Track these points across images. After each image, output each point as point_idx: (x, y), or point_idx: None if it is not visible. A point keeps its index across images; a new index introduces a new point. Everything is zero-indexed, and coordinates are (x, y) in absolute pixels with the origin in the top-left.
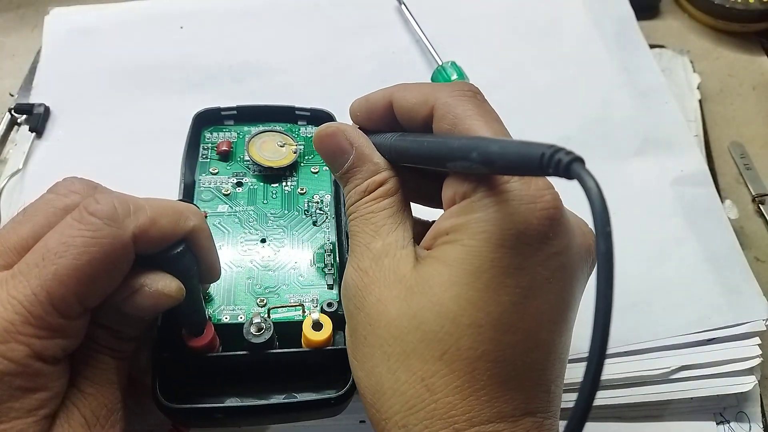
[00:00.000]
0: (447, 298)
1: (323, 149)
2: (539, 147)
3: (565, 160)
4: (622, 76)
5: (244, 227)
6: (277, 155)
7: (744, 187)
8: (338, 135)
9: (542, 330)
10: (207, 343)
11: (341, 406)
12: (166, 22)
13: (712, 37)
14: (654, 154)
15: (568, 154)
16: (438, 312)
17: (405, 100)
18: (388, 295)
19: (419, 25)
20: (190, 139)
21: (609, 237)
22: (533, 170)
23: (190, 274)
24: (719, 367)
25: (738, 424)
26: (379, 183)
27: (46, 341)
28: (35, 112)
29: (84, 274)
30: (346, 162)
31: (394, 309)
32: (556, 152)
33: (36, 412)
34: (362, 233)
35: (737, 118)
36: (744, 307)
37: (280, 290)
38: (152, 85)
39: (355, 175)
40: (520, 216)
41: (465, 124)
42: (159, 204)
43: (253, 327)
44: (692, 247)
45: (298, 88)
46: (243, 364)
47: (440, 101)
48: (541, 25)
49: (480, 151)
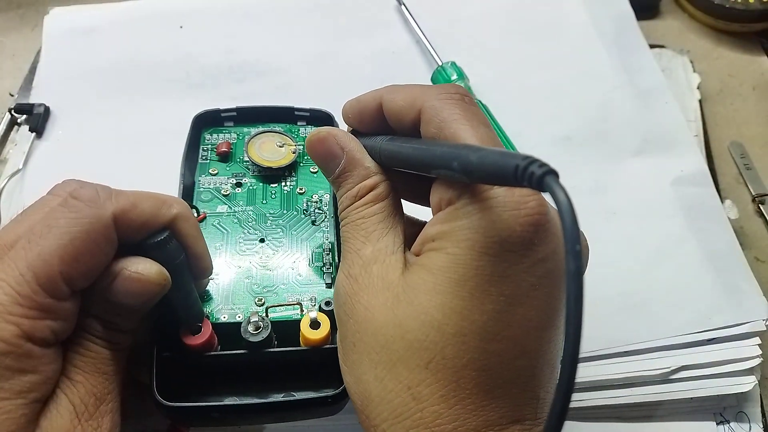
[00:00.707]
0: (431, 307)
1: (315, 154)
2: (514, 158)
3: (538, 173)
4: (621, 76)
5: (243, 227)
6: (276, 155)
7: (744, 187)
8: (329, 140)
9: (529, 337)
10: (205, 342)
11: (338, 405)
12: (165, 21)
13: (712, 37)
14: (654, 154)
15: (541, 166)
16: (423, 321)
17: (393, 102)
18: (375, 302)
19: (419, 25)
20: (190, 141)
21: (578, 256)
22: (509, 181)
23: (176, 263)
24: (719, 367)
25: (738, 424)
26: (369, 187)
27: (35, 321)
28: (35, 112)
29: (67, 252)
30: (338, 166)
31: (381, 317)
32: (530, 164)
33: (26, 395)
34: (353, 239)
35: (737, 118)
36: (744, 307)
37: (278, 289)
38: (152, 86)
39: (346, 180)
40: (504, 223)
41: (450, 129)
42: (142, 192)
43: (251, 326)
44: (692, 247)
45: (297, 88)
46: (241, 363)
47: (427, 104)
48: (540, 24)
49: (460, 160)
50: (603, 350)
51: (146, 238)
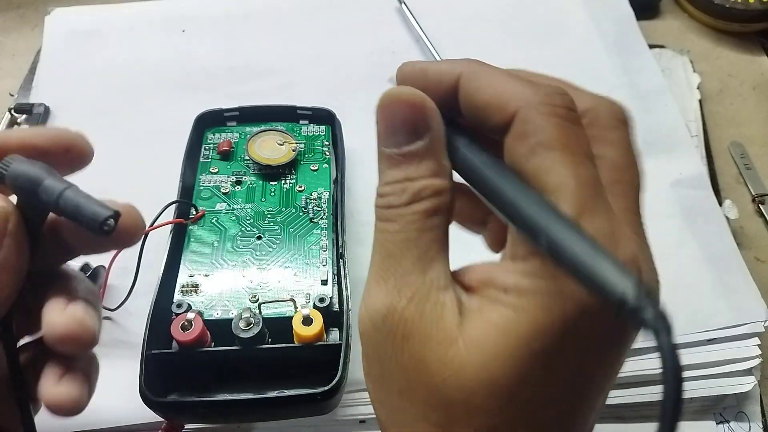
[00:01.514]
0: (505, 377)
1: (389, 117)
2: (622, 281)
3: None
4: (621, 76)
5: (241, 224)
6: (276, 153)
7: (744, 187)
8: (418, 109)
9: (590, 399)
10: (195, 338)
11: (329, 402)
12: (168, 25)
13: (712, 37)
14: (653, 156)
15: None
16: (493, 392)
17: (479, 92)
18: (431, 356)
19: (420, 25)
20: (192, 141)
21: None
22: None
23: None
24: (719, 367)
25: (738, 423)
26: (437, 190)
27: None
28: (35, 112)
29: None
30: (412, 143)
31: (440, 376)
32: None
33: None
34: (401, 256)
35: (737, 118)
36: (743, 308)
37: (273, 286)
38: (153, 87)
39: (412, 164)
40: None
41: (545, 161)
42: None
43: (242, 322)
44: (692, 248)
45: (299, 88)
46: (233, 360)
47: (523, 113)
48: (541, 24)
49: (550, 239)
50: None
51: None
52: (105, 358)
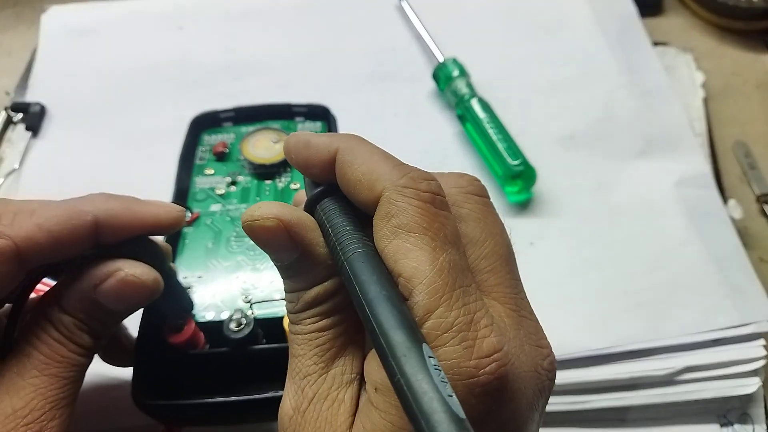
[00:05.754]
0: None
1: (257, 241)
2: None
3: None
4: (625, 74)
5: (234, 225)
6: (270, 152)
7: (748, 187)
8: (277, 232)
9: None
10: (188, 340)
11: None
12: (164, 22)
13: (716, 35)
14: (657, 155)
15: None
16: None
17: (351, 169)
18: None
19: (421, 22)
20: (187, 143)
21: None
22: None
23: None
24: (723, 368)
25: (741, 426)
26: (329, 293)
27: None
28: (31, 110)
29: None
30: (288, 260)
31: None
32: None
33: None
34: (303, 356)
35: (741, 116)
36: (749, 308)
37: (266, 287)
38: (149, 85)
39: (299, 275)
40: (458, 395)
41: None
42: (51, 205)
43: (233, 323)
44: (696, 248)
45: (299, 85)
46: (226, 361)
47: (388, 194)
48: (543, 21)
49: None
50: (606, 350)
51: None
52: (98, 361)
